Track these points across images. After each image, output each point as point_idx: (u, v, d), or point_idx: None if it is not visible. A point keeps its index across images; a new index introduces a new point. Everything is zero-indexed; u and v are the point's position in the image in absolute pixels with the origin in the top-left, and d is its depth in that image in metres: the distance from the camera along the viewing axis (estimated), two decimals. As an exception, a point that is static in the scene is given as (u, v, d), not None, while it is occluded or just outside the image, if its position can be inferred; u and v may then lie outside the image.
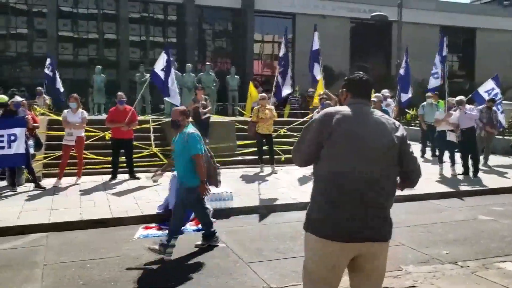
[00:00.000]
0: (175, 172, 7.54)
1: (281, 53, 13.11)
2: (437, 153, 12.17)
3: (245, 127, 12.65)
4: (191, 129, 5.64)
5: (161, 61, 10.93)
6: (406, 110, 18.94)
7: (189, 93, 15.42)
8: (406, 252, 5.79)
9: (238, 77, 18.28)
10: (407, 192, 3.83)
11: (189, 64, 17.22)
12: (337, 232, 2.74)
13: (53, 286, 4.79)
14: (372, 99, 11.63)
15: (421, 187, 9.45)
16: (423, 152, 13.90)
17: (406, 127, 18.95)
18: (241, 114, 16.91)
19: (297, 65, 24.33)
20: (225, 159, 11.48)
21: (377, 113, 2.93)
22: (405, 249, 5.90)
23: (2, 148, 8.58)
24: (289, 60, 13.38)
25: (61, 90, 14.59)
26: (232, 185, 8.56)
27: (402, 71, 14.46)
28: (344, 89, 3.08)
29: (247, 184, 9.74)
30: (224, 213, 7.47)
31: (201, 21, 28.69)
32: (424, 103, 13.69)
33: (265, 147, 11.17)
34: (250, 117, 12.06)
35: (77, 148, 9.58)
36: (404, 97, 14.33)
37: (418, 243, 6.12)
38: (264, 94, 11.55)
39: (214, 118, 13.26)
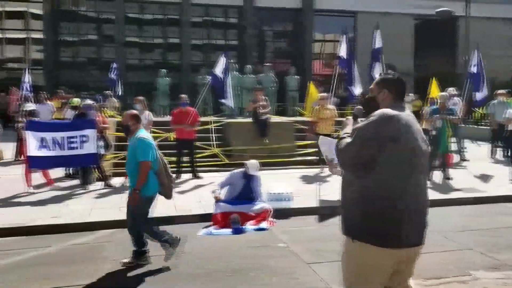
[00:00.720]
0: (235, 170, 7.71)
1: (343, 53, 12.94)
2: (508, 153, 11.53)
3: (304, 127, 12.62)
4: (142, 134, 5.35)
5: (220, 64, 11.15)
6: (475, 108, 18.07)
7: (249, 94, 15.60)
8: (475, 257, 5.54)
9: (297, 77, 18.25)
10: (475, 194, 3.68)
11: (248, 66, 17.41)
12: (397, 239, 2.72)
13: (121, 280, 5.03)
14: (436, 97, 11.25)
15: (490, 189, 9.05)
16: (493, 153, 13.23)
17: (475, 126, 18.11)
18: (301, 115, 16.87)
19: (358, 65, 23.92)
20: (283, 159, 11.51)
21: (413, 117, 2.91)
22: (473, 253, 5.65)
23: (75, 148, 9.08)
24: (353, 59, 13.18)
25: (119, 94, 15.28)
26: (292, 186, 8.56)
27: (474, 69, 13.77)
28: (385, 89, 2.97)
29: (308, 184, 9.71)
30: (284, 214, 7.50)
31: (261, 23, 28.89)
32: (494, 101, 13.02)
33: (325, 148, 11.06)
34: (311, 117, 12.01)
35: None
36: (479, 95, 13.60)
37: (488, 248, 5.84)
38: (324, 94, 11.48)
39: (273, 118, 13.33)
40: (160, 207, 7.72)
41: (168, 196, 5.61)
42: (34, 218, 7.17)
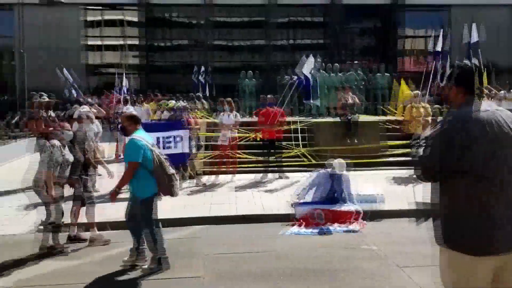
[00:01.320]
0: (321, 170, 7.61)
1: (438, 47, 12.31)
2: None
3: (396, 126, 12.19)
4: (135, 135, 5.33)
5: (308, 63, 11.08)
6: None
7: (335, 93, 15.33)
8: None
9: (388, 74, 17.65)
10: None
11: (336, 64, 17.14)
12: (488, 246, 2.56)
13: (212, 275, 5.17)
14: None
15: None
16: None
17: None
18: (390, 114, 16.28)
19: (452, 60, 22.62)
20: (371, 160, 11.19)
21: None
22: None
23: (170, 147, 9.50)
24: (449, 55, 12.52)
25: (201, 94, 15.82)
26: (383, 187, 8.30)
27: None
28: (459, 85, 2.74)
29: (400, 186, 9.34)
30: (376, 215, 7.27)
31: (347, 20, 28.34)
32: None
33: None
34: (403, 115, 11.54)
35: (231, 148, 10.20)
36: None
37: None
38: (417, 92, 10.99)
39: (362, 118, 13.00)
40: (246, 206, 7.91)
41: (171, 193, 5.43)
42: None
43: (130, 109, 10.48)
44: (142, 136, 5.34)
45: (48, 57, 21.88)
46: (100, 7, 27.89)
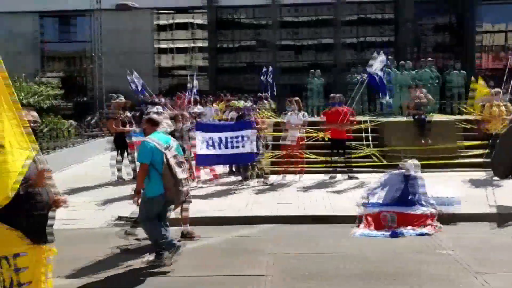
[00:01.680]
0: (393, 171, 7.35)
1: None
2: None
3: (473, 126, 11.56)
4: (150, 137, 5.43)
5: (378, 61, 10.75)
6: None
7: (407, 92, 14.79)
8: None
9: (464, 72, 16.77)
10: None
11: (408, 61, 16.56)
12: None
13: (278, 274, 5.14)
14: None
15: None
16: None
17: None
18: (466, 113, 15.45)
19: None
20: (445, 161, 10.66)
21: None
22: None
23: (237, 147, 9.60)
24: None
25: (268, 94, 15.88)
26: (459, 189, 7.90)
27: None
28: None
29: (477, 188, 8.81)
30: (452, 219, 6.90)
31: (419, 16, 27.29)
32: None
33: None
34: (481, 115, 10.90)
35: (298, 148, 10.13)
36: None
37: None
38: (497, 89, 10.33)
39: (436, 117, 12.43)
40: (314, 206, 7.81)
41: (174, 201, 5.49)
42: (201, 210, 7.75)
43: (198, 109, 10.69)
44: (154, 139, 5.41)
45: (123, 60, 22.92)
46: (171, 11, 28.85)
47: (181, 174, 5.34)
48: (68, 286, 4.89)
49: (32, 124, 3.40)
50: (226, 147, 9.46)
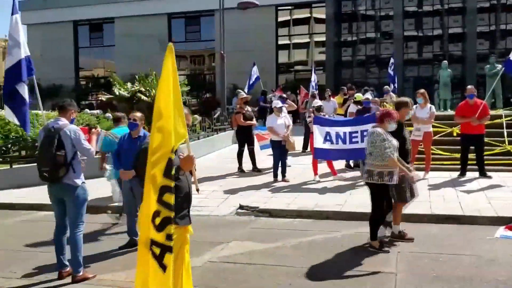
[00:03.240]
0: None
1: None
2: None
3: None
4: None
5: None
6: None
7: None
8: None
9: None
10: None
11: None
12: None
13: (407, 272, 4.95)
14: None
15: None
16: None
17: None
18: None
19: None
20: None
21: None
22: None
23: (357, 142, 9.36)
24: None
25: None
26: None
27: None
28: None
29: None
30: None
31: None
32: None
33: None
34: None
35: (425, 143, 9.59)
36: None
37: None
38: None
39: None
40: (444, 205, 7.35)
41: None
42: (320, 204, 7.75)
43: (318, 103, 10.64)
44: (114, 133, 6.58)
45: (245, 57, 23.70)
46: (292, 7, 29.14)
47: None
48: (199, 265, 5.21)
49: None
50: (344, 142, 9.30)
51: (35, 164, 5.23)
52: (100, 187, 8.50)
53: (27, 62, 8.28)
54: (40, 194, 7.96)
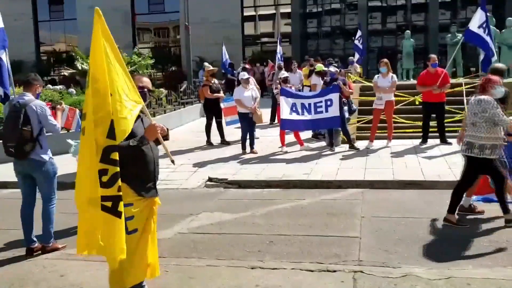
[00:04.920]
0: None
1: None
2: None
3: None
4: None
5: (477, 18, 9.98)
6: None
7: (509, 51, 13.69)
8: None
9: None
10: None
11: (510, 18, 15.22)
12: None
13: (371, 235, 5.16)
14: None
15: None
16: None
17: None
18: None
19: None
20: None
21: None
22: None
23: (321, 112, 9.56)
24: None
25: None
26: None
27: None
28: None
29: None
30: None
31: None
32: None
33: None
34: None
35: (387, 112, 9.83)
36: None
37: None
38: None
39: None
40: (406, 171, 7.63)
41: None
42: (287, 174, 7.91)
43: (284, 74, 10.72)
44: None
45: (208, 30, 23.37)
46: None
47: None
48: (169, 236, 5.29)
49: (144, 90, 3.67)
50: (309, 112, 9.47)
51: (0, 140, 5.13)
52: (66, 164, 8.38)
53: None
54: (4, 171, 7.79)
